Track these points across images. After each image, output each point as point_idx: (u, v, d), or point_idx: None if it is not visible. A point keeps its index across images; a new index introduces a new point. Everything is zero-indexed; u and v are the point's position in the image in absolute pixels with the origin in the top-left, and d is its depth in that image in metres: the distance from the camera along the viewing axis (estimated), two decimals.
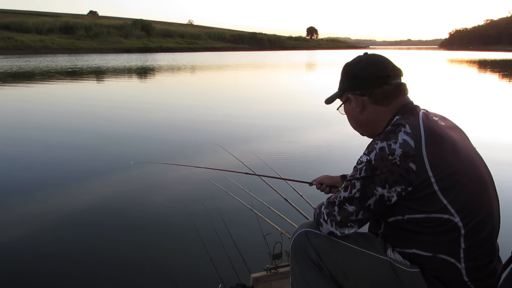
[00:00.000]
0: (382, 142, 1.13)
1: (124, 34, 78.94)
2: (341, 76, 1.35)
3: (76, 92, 13.05)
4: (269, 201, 2.61)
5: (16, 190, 3.80)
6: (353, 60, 1.33)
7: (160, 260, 2.58)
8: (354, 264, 1.23)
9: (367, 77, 1.26)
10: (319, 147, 5.60)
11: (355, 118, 1.34)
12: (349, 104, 1.33)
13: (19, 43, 56.88)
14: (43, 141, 6.02)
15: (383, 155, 1.11)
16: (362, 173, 1.15)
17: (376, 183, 1.13)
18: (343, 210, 1.20)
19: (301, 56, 56.45)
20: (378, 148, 1.12)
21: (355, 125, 1.37)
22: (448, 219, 1.10)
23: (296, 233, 1.32)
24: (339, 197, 1.21)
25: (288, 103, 10.37)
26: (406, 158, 1.09)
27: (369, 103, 1.27)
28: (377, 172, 1.12)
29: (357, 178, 1.16)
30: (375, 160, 1.12)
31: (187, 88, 15.05)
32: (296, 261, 1.31)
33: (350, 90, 1.31)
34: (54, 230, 3.02)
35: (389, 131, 1.15)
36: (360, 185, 1.15)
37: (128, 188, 3.81)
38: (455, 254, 1.13)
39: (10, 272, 2.47)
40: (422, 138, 1.12)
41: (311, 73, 24.91)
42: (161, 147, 5.63)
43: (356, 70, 1.29)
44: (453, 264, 1.13)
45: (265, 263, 2.14)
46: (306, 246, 1.28)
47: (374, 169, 1.12)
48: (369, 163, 1.13)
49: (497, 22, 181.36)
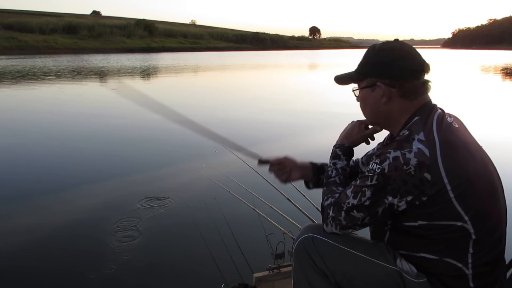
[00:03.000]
0: (396, 151, 1.08)
1: (127, 34, 79.18)
2: (367, 59, 1.24)
3: (77, 92, 13.08)
4: (272, 201, 2.62)
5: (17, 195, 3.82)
6: (384, 45, 1.22)
7: (163, 260, 2.58)
8: (362, 274, 1.19)
9: (401, 68, 1.18)
10: (320, 147, 5.59)
11: (376, 107, 1.24)
12: (372, 91, 1.22)
13: (23, 43, 57.11)
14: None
15: (397, 165, 1.07)
16: (373, 181, 1.11)
17: (388, 193, 1.09)
18: (349, 216, 1.16)
19: (303, 56, 56.39)
20: (392, 158, 1.08)
21: (372, 114, 1.27)
22: (461, 226, 1.08)
23: (302, 236, 1.27)
24: (347, 203, 1.16)
25: (290, 103, 10.36)
26: (421, 168, 1.05)
27: (396, 95, 1.19)
28: (389, 182, 1.08)
29: (368, 185, 1.12)
30: (388, 170, 1.08)
31: (189, 88, 15.06)
32: (300, 264, 1.27)
33: (378, 77, 1.20)
34: (54, 229, 3.02)
35: (403, 140, 1.11)
36: (370, 194, 1.11)
37: (129, 188, 3.82)
38: (463, 259, 1.11)
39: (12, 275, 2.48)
40: (436, 145, 1.08)
41: (314, 73, 24.86)
42: (162, 147, 5.64)
43: (389, 58, 1.19)
44: (460, 269, 1.11)
45: (267, 263, 2.14)
46: (312, 251, 1.23)
47: (387, 179, 1.08)
48: (382, 172, 1.09)
49: (500, 21, 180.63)
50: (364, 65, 1.24)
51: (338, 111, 8.41)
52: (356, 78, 1.27)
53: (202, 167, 4.39)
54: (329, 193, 1.26)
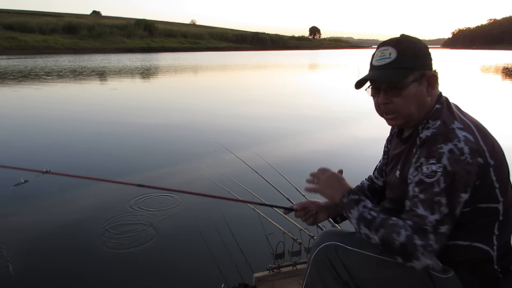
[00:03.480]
0: (447, 144, 1.05)
1: (127, 34, 79.21)
2: (409, 53, 1.18)
3: (80, 92, 13.08)
4: (272, 201, 2.61)
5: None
6: (413, 38, 1.23)
7: (163, 259, 2.58)
8: (390, 279, 1.15)
9: (431, 58, 1.21)
10: (322, 147, 5.60)
11: (422, 101, 1.19)
12: (419, 84, 1.17)
13: (23, 43, 57.13)
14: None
15: (456, 157, 1.03)
16: (441, 184, 1.04)
17: (460, 190, 1.04)
18: (439, 235, 1.04)
19: (303, 56, 56.41)
20: (447, 151, 1.04)
21: (418, 109, 1.19)
22: (495, 208, 1.10)
23: (324, 243, 1.22)
24: (429, 223, 1.04)
25: (290, 103, 10.36)
26: (474, 154, 1.05)
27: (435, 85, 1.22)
28: (456, 178, 1.03)
29: (438, 192, 1.04)
30: (450, 165, 1.03)
31: (189, 87, 15.06)
32: (318, 272, 1.22)
33: (426, 69, 1.19)
34: (52, 229, 3.03)
35: (444, 131, 1.09)
36: (446, 199, 1.04)
37: (128, 188, 3.81)
38: (490, 241, 1.12)
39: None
40: (473, 130, 1.09)
41: (314, 73, 24.87)
42: (162, 147, 5.64)
43: (426, 49, 1.20)
44: (487, 252, 1.13)
45: (267, 263, 2.14)
46: (335, 261, 1.19)
47: (453, 175, 1.03)
48: (445, 170, 1.03)
49: (500, 21, 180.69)
50: (407, 59, 1.17)
51: (338, 111, 8.42)
52: (401, 74, 1.17)
53: (202, 167, 4.39)
54: (391, 230, 1.08)
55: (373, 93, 1.25)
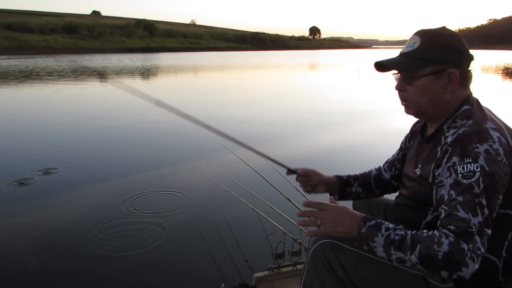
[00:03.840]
0: (482, 145, 1.02)
1: (127, 34, 79.22)
2: (433, 45, 1.14)
3: (76, 92, 13.08)
4: (272, 201, 2.62)
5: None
6: (447, 31, 1.17)
7: (163, 259, 2.58)
8: (384, 280, 1.15)
9: (467, 56, 1.16)
10: (322, 147, 5.60)
11: (436, 96, 1.16)
12: (436, 79, 1.14)
13: (23, 43, 57.11)
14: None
15: (493, 158, 1.01)
16: (481, 185, 0.99)
17: (498, 191, 1.01)
18: (484, 238, 0.99)
19: (303, 56, 56.42)
20: (484, 151, 1.01)
21: (430, 103, 1.17)
22: (509, 214, 1.07)
23: (321, 241, 1.21)
24: (473, 225, 0.97)
25: (290, 103, 10.36)
26: (508, 155, 1.03)
27: (458, 84, 1.16)
28: (495, 179, 1.00)
29: (477, 194, 0.99)
30: (488, 166, 1.00)
31: (190, 87, 15.07)
32: (316, 268, 1.22)
33: (447, 64, 1.14)
34: (51, 229, 3.03)
35: (478, 131, 1.05)
36: (486, 201, 0.99)
37: (128, 188, 3.82)
38: (498, 252, 1.10)
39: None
40: (505, 131, 1.07)
41: (314, 73, 24.87)
42: (162, 147, 5.64)
43: (459, 44, 1.15)
44: (494, 263, 1.10)
45: (267, 263, 2.14)
46: (331, 258, 1.18)
47: (492, 176, 1.00)
48: (483, 171, 1.00)
49: (500, 21, 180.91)
50: (429, 50, 1.14)
51: (339, 111, 8.42)
52: (417, 64, 1.16)
53: (202, 167, 4.39)
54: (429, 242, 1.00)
55: (396, 80, 1.25)
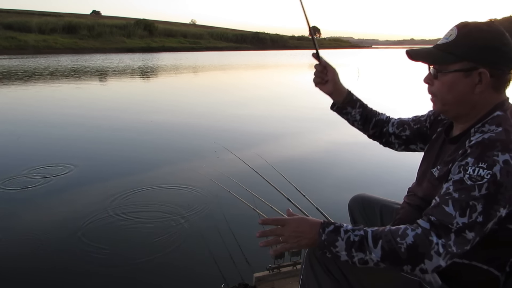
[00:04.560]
0: (504, 154, 0.95)
1: (127, 34, 79.22)
2: (467, 40, 1.05)
3: (74, 93, 13.08)
4: (272, 201, 2.62)
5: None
6: (489, 26, 1.06)
7: (163, 259, 2.58)
8: (381, 285, 1.13)
9: (507, 57, 1.04)
10: (322, 147, 5.60)
11: (463, 95, 1.08)
12: (465, 77, 1.06)
13: (22, 43, 57.10)
14: None
15: (509, 170, 0.93)
16: (482, 191, 0.93)
17: (500, 203, 0.94)
18: (461, 239, 0.94)
19: (303, 56, 56.41)
20: (502, 161, 0.94)
21: (455, 101, 1.10)
22: None
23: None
24: (456, 223, 0.94)
25: (290, 102, 10.37)
26: None
27: (489, 86, 1.05)
28: (501, 190, 0.93)
29: (476, 197, 0.94)
30: (501, 176, 0.93)
31: (190, 87, 15.07)
32: (312, 267, 1.19)
33: (479, 62, 1.04)
34: (51, 229, 3.03)
35: (503, 140, 0.97)
36: (482, 207, 0.94)
37: (128, 188, 3.82)
38: (503, 267, 1.07)
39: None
40: None
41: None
42: (162, 147, 5.64)
43: (499, 44, 1.03)
44: (497, 278, 1.07)
45: (267, 263, 2.14)
46: (326, 259, 1.14)
47: (500, 186, 0.93)
48: (493, 180, 0.93)
49: (500, 21, 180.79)
50: (461, 45, 1.06)
51: None
52: (445, 58, 1.08)
53: (202, 167, 4.40)
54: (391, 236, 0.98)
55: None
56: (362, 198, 1.62)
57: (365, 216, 1.58)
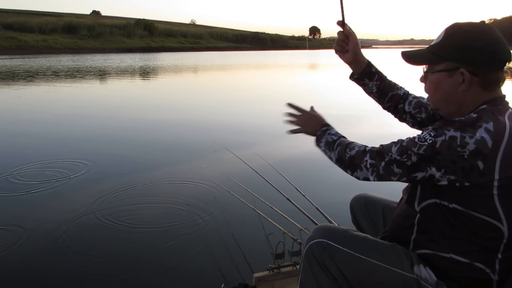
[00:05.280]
0: (456, 132, 1.02)
1: (126, 34, 79.30)
2: (451, 41, 1.11)
3: (74, 94, 13.08)
4: (272, 201, 2.62)
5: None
6: (473, 27, 1.09)
7: (162, 259, 2.58)
8: (377, 282, 1.15)
9: (491, 57, 1.07)
10: None
11: (449, 94, 1.13)
12: (449, 76, 1.11)
13: (22, 43, 57.17)
14: None
15: (452, 144, 1.02)
16: (420, 150, 1.06)
17: (433, 164, 1.05)
18: (388, 169, 1.12)
19: (304, 56, 56.40)
20: (449, 136, 1.02)
21: (442, 100, 1.16)
22: (496, 226, 1.05)
23: (315, 239, 1.22)
24: (390, 155, 1.12)
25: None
26: (476, 155, 1.00)
27: (476, 84, 1.09)
28: (437, 157, 1.03)
29: (414, 152, 1.07)
30: (440, 146, 1.03)
31: (190, 87, 15.06)
32: (310, 266, 1.22)
33: (461, 63, 1.08)
34: (50, 229, 3.03)
35: (468, 123, 1.04)
36: (416, 159, 1.07)
37: (129, 188, 3.82)
38: (491, 264, 1.09)
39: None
40: (503, 141, 1.03)
41: (315, 73, 24.87)
42: (162, 147, 5.64)
43: (480, 44, 1.07)
44: (488, 275, 1.09)
45: (267, 263, 2.14)
46: (325, 257, 1.18)
47: (436, 154, 1.03)
48: (432, 145, 1.04)
49: (500, 21, 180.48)
50: (445, 47, 1.12)
51: (339, 111, 8.41)
52: (431, 59, 1.15)
53: (202, 167, 4.40)
54: (345, 147, 1.25)
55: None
56: (364, 198, 1.63)
57: (366, 215, 1.59)
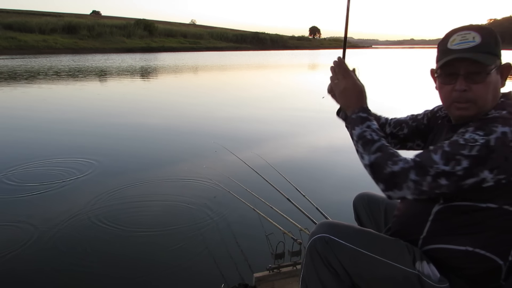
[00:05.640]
0: (504, 127, 1.02)
1: (126, 34, 79.22)
2: (493, 39, 1.13)
3: (73, 93, 13.08)
4: (272, 201, 2.62)
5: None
6: (487, 26, 1.18)
7: (163, 259, 2.58)
8: (379, 277, 1.16)
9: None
10: (322, 147, 5.60)
11: (496, 90, 1.13)
12: (497, 72, 1.12)
13: (22, 43, 57.14)
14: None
15: (505, 140, 1.00)
16: (473, 152, 1.00)
17: (486, 166, 1.00)
18: (435, 183, 1.02)
19: (304, 56, 56.42)
20: (501, 132, 1.00)
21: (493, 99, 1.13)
22: None
23: (318, 234, 1.21)
24: (435, 168, 1.02)
25: (290, 103, 10.36)
26: None
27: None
28: (492, 156, 0.99)
29: (465, 155, 1.00)
30: (495, 143, 0.99)
31: (190, 87, 15.06)
32: (312, 261, 1.22)
33: (500, 58, 1.14)
34: (50, 230, 3.03)
35: (505, 117, 1.05)
36: (467, 164, 1.00)
37: (129, 188, 3.82)
38: (505, 255, 1.10)
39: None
40: None
41: (315, 73, 24.87)
42: (162, 147, 5.64)
43: (499, 38, 1.15)
44: (500, 267, 1.10)
45: (267, 263, 2.14)
46: (327, 253, 1.19)
47: (491, 152, 0.99)
48: (487, 144, 1.00)
49: (500, 21, 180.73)
50: (493, 44, 1.13)
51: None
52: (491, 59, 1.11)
53: (202, 167, 4.40)
54: (388, 157, 1.09)
55: (446, 81, 1.15)
56: (367, 196, 1.65)
57: (369, 213, 1.60)
